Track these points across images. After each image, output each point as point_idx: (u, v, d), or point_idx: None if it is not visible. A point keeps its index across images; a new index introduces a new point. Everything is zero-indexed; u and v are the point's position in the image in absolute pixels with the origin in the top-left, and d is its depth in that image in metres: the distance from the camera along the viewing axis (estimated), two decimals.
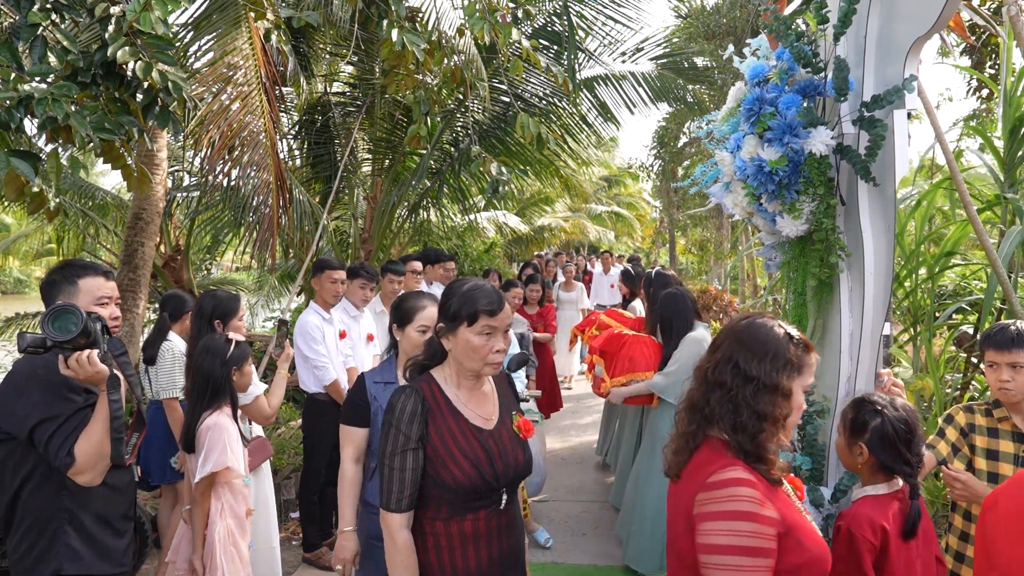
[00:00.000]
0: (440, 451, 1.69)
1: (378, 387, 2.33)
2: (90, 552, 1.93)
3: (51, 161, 2.49)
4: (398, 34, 3.63)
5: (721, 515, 1.33)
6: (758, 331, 1.45)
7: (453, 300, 1.73)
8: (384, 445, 1.71)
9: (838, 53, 2.15)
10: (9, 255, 13.80)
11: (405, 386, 1.77)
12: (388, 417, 1.71)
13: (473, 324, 1.70)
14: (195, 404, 2.56)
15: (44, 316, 1.73)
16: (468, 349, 1.71)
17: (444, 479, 1.68)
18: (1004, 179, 3.73)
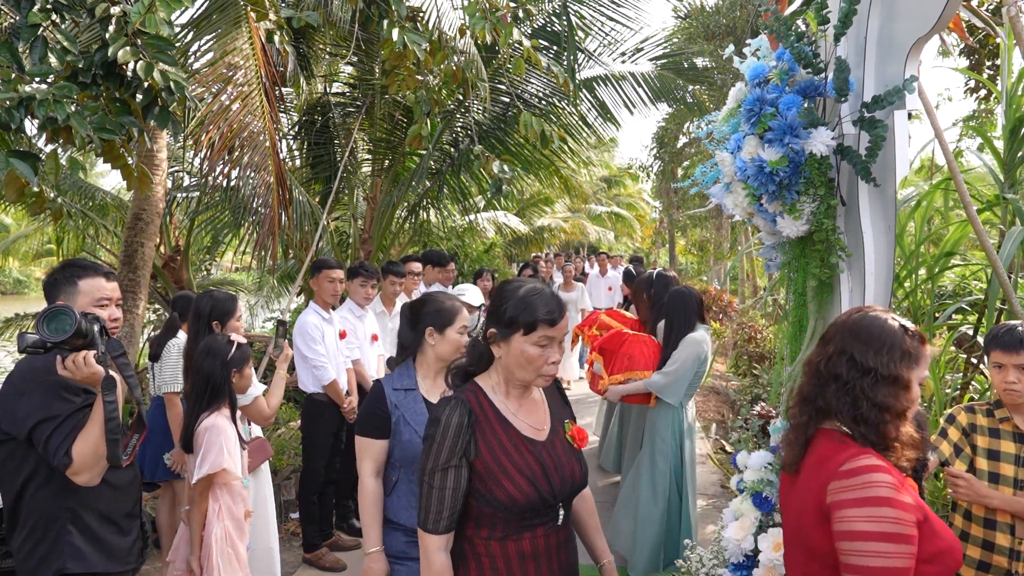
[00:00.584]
0: (492, 467, 1.57)
1: (398, 395, 2.18)
2: (94, 551, 1.94)
3: (50, 162, 2.49)
4: (399, 34, 3.63)
5: (860, 502, 1.31)
6: (872, 323, 1.44)
7: (508, 305, 1.60)
8: (425, 461, 1.58)
9: (838, 54, 2.15)
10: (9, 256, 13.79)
11: (450, 396, 1.65)
12: (431, 431, 1.59)
13: (530, 333, 1.58)
14: (194, 405, 2.56)
15: (39, 317, 1.74)
16: (522, 359, 1.59)
17: (498, 497, 1.56)
18: (1004, 179, 3.73)
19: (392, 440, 2.17)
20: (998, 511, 2.14)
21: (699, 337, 3.61)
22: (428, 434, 1.60)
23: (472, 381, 1.70)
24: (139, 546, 2.11)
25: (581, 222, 19.54)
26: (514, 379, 1.65)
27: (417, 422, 2.13)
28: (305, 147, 7.26)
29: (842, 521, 1.33)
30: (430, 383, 2.25)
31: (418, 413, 2.16)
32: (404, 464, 2.16)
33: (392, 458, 2.19)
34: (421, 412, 2.15)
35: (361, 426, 2.20)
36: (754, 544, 2.26)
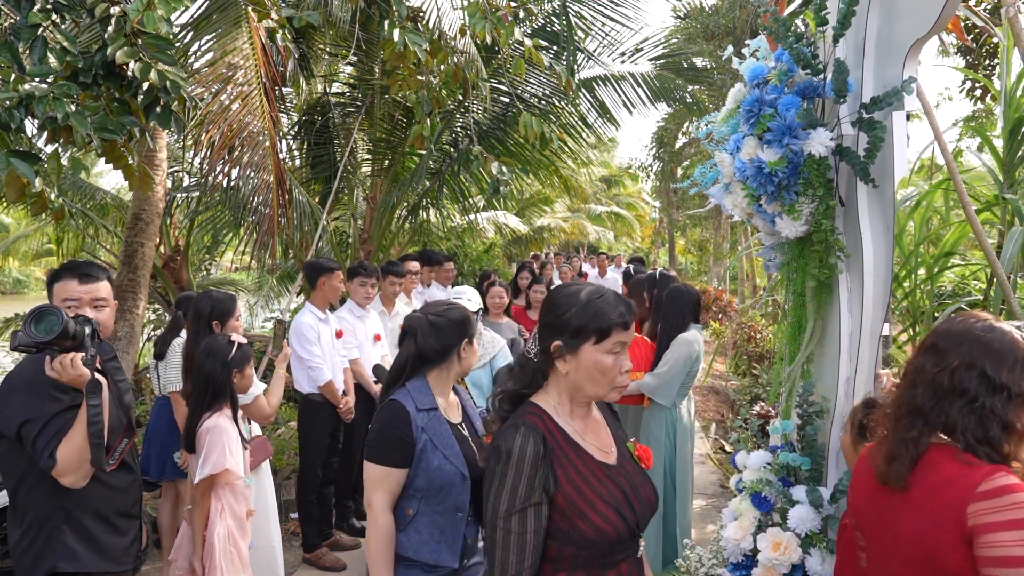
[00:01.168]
0: (575, 499, 1.40)
1: (424, 416, 1.93)
2: (88, 550, 1.93)
3: (51, 162, 2.50)
4: (400, 34, 3.64)
5: (1011, 524, 1.23)
6: (1003, 337, 1.35)
7: (573, 312, 1.44)
8: (496, 502, 1.38)
9: (837, 55, 2.15)
10: (9, 256, 13.79)
11: (516, 423, 1.44)
12: (501, 467, 1.38)
13: (603, 340, 1.42)
14: (196, 405, 2.57)
15: (27, 316, 1.76)
16: (596, 371, 1.43)
17: (584, 532, 1.39)
18: (1003, 180, 3.74)
19: (415, 468, 1.90)
20: None
21: (690, 337, 3.61)
22: (497, 471, 1.39)
23: (529, 403, 1.51)
24: (137, 546, 2.10)
25: (581, 222, 19.56)
26: (581, 396, 1.49)
27: (446, 446, 1.92)
28: (305, 147, 7.26)
29: (993, 546, 1.25)
30: (444, 401, 2.05)
31: (445, 436, 1.94)
32: (429, 494, 1.91)
33: (412, 488, 1.91)
34: (447, 435, 1.95)
35: (376, 452, 1.90)
36: (753, 544, 2.26)
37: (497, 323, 4.62)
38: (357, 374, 4.26)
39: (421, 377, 2.02)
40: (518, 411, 1.50)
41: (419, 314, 2.05)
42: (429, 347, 2.00)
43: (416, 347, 2.00)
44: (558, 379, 1.50)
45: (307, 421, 4.01)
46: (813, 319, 2.35)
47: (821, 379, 2.34)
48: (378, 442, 1.92)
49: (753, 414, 4.78)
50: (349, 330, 4.24)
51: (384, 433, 1.91)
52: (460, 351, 2.04)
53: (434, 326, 2.01)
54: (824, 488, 2.23)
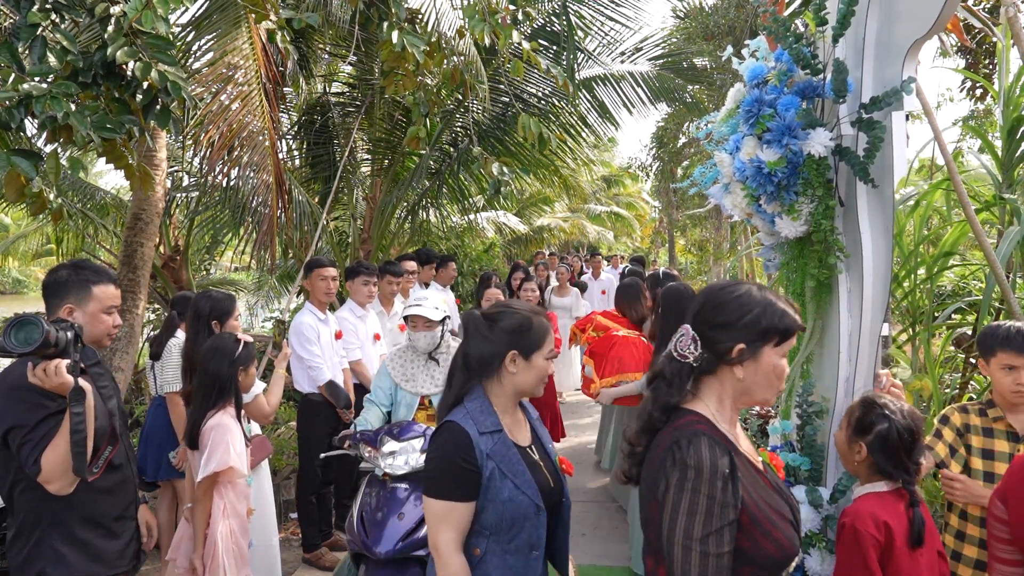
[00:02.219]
0: (758, 516, 1.31)
1: (488, 440, 1.67)
2: (78, 555, 1.90)
3: (51, 161, 2.50)
4: (398, 36, 3.64)
5: None
6: None
7: (757, 314, 1.36)
8: (690, 523, 1.26)
9: (837, 55, 2.15)
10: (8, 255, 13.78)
11: (692, 433, 1.33)
12: (691, 483, 1.27)
13: (783, 343, 1.38)
14: (200, 403, 2.57)
15: (7, 325, 1.72)
16: (773, 375, 1.37)
17: (768, 550, 1.30)
18: (1002, 179, 3.74)
19: (482, 501, 1.64)
20: None
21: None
22: (686, 487, 1.27)
23: (686, 410, 1.40)
24: (133, 548, 2.08)
25: (581, 222, 19.55)
26: (747, 401, 1.42)
27: (516, 474, 1.67)
28: (304, 147, 7.26)
29: None
30: (510, 420, 1.78)
31: (514, 462, 1.69)
32: (499, 531, 1.66)
33: (479, 524, 1.65)
34: (517, 461, 1.70)
35: (437, 485, 1.64)
36: None
37: None
38: (358, 374, 4.26)
39: (480, 391, 1.74)
40: (675, 420, 1.39)
41: (475, 312, 1.80)
42: (474, 354, 1.74)
43: (462, 352, 1.76)
44: (720, 384, 1.41)
45: (307, 421, 4.01)
46: (813, 319, 2.35)
47: (821, 379, 2.34)
48: (438, 473, 1.65)
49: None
50: (350, 330, 4.24)
51: (444, 462, 1.64)
52: (507, 364, 1.71)
53: (479, 329, 1.75)
54: (824, 488, 2.23)
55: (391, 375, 3.11)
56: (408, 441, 2.72)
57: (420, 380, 3.09)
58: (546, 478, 1.76)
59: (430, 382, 3.09)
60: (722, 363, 1.39)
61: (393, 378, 3.10)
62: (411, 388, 3.07)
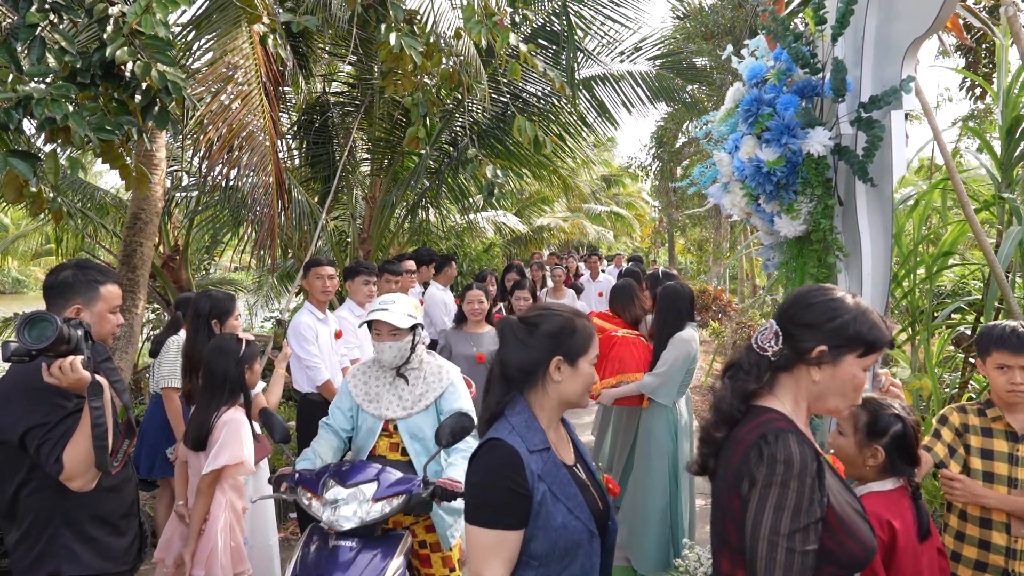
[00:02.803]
0: (843, 515, 1.30)
1: (538, 460, 1.50)
2: (89, 552, 1.93)
3: (49, 162, 2.50)
4: (396, 37, 3.64)
5: None
6: None
7: (847, 320, 1.35)
8: (778, 519, 1.23)
9: (836, 54, 2.15)
10: (8, 255, 13.79)
11: (781, 428, 1.31)
12: (781, 477, 1.25)
13: (867, 355, 1.36)
14: (208, 403, 2.58)
15: (19, 324, 1.72)
16: (850, 385, 1.36)
17: (853, 550, 1.29)
18: (1001, 179, 3.74)
19: (531, 528, 1.47)
20: (993, 510, 2.15)
21: (687, 336, 3.61)
22: (771, 481, 1.25)
23: (764, 407, 1.39)
24: (137, 546, 2.11)
25: (580, 221, 19.55)
26: (820, 406, 1.40)
27: (568, 497, 1.51)
28: (304, 146, 7.27)
29: None
30: (554, 435, 1.61)
31: (565, 483, 1.52)
32: (551, 561, 1.49)
33: (527, 554, 1.48)
34: (568, 482, 1.53)
35: (483, 512, 1.46)
36: None
37: (476, 334, 4.28)
38: None
39: (524, 404, 1.56)
40: (755, 416, 1.37)
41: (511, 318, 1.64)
42: (512, 362, 1.57)
43: (499, 361, 1.59)
44: (796, 384, 1.40)
45: (306, 421, 4.01)
46: None
47: None
48: (485, 499, 1.47)
49: None
50: (350, 330, 4.24)
51: (492, 486, 1.46)
52: (551, 371, 1.56)
53: (517, 335, 1.59)
54: None
55: (352, 393, 2.62)
56: (357, 487, 2.21)
57: (384, 401, 2.56)
58: (595, 500, 1.61)
59: (396, 403, 2.55)
60: (800, 362, 1.39)
61: (354, 397, 2.61)
62: (373, 410, 2.56)
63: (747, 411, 1.40)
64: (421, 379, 2.58)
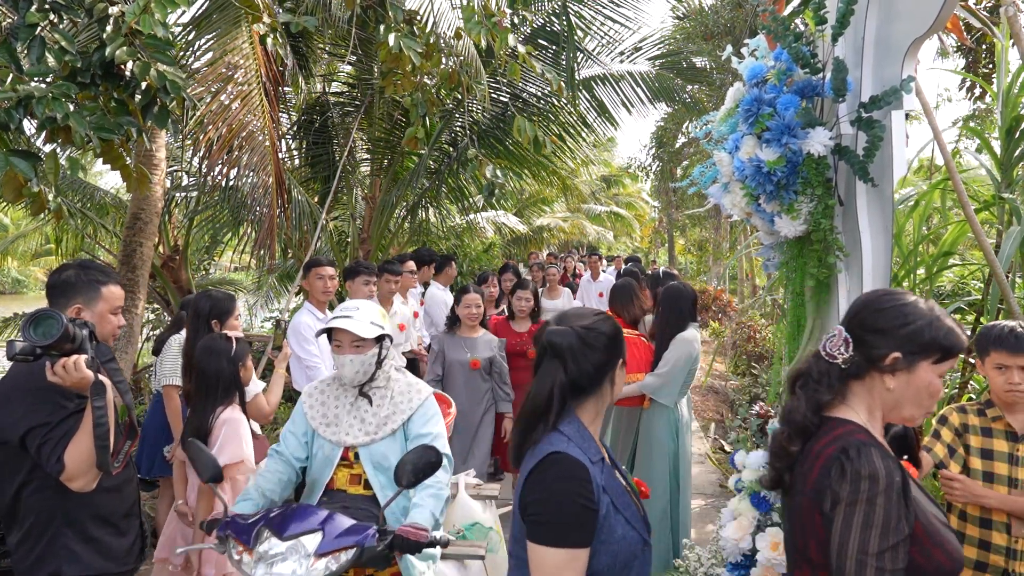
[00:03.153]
0: (928, 527, 1.26)
1: (596, 470, 1.44)
2: (91, 553, 1.93)
3: (49, 161, 2.50)
4: (395, 38, 3.64)
5: None
6: None
7: (922, 325, 1.32)
8: (866, 537, 1.19)
9: (836, 54, 2.15)
10: (7, 255, 13.79)
11: (862, 442, 1.28)
12: (866, 494, 1.21)
13: (943, 362, 1.33)
14: (204, 403, 2.57)
15: (25, 321, 1.73)
16: (925, 393, 1.33)
17: (942, 563, 1.25)
18: (1001, 179, 3.74)
19: (595, 542, 1.40)
20: (994, 510, 2.15)
21: (689, 336, 3.61)
22: (856, 497, 1.21)
23: (839, 419, 1.35)
24: (139, 546, 2.11)
25: (580, 222, 19.55)
26: (894, 415, 1.37)
27: (625, 507, 1.47)
28: (304, 146, 7.27)
29: None
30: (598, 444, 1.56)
31: (621, 493, 1.49)
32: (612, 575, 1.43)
33: (590, 570, 1.40)
34: (623, 492, 1.50)
35: (553, 531, 1.38)
36: (752, 544, 2.26)
37: (471, 338, 4.08)
38: None
39: (573, 415, 1.50)
40: (832, 428, 1.34)
41: (564, 327, 1.53)
42: (583, 372, 1.49)
43: (566, 374, 1.49)
44: (870, 393, 1.36)
45: None
46: (812, 319, 2.35)
47: None
48: (554, 515, 1.38)
49: (752, 414, 4.78)
50: None
51: (561, 502, 1.38)
52: (615, 374, 1.55)
53: (585, 342, 1.50)
54: None
55: (307, 415, 2.28)
56: (297, 539, 1.84)
57: (344, 425, 2.23)
58: (639, 507, 1.56)
59: (358, 427, 2.22)
60: (873, 369, 1.35)
61: (309, 420, 2.27)
62: (331, 435, 2.22)
63: (820, 422, 1.36)
64: (388, 399, 2.25)
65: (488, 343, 4.07)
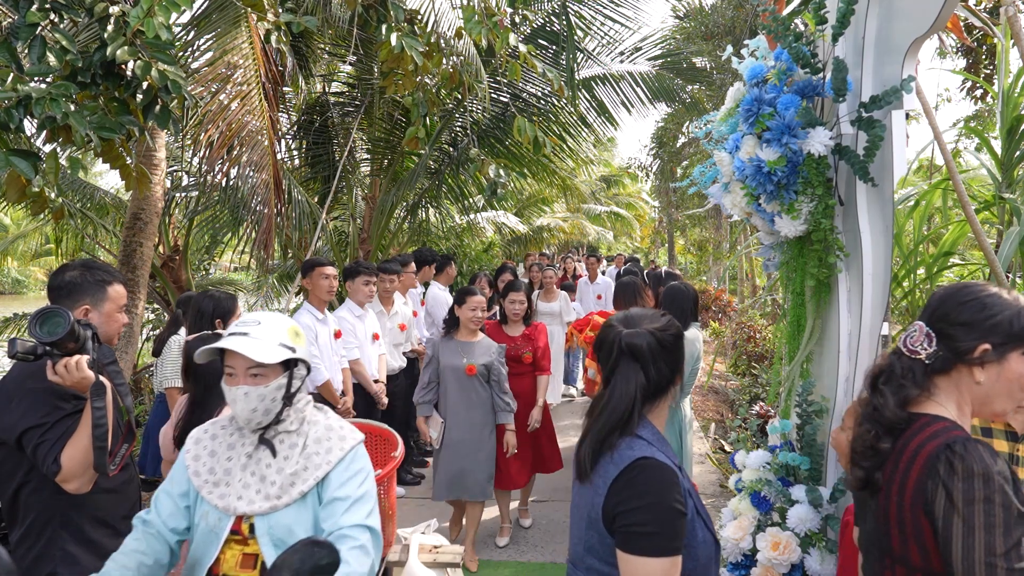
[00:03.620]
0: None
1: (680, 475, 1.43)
2: (88, 555, 1.92)
3: (50, 161, 2.50)
4: (397, 38, 3.65)
5: None
6: None
7: (1010, 315, 1.29)
8: (989, 537, 1.16)
9: (836, 53, 2.15)
10: (7, 255, 13.79)
11: (964, 437, 1.25)
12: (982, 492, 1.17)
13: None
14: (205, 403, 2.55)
15: (32, 318, 1.72)
16: (1016, 385, 1.30)
17: None
18: (1001, 179, 3.74)
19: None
20: None
21: (691, 336, 3.61)
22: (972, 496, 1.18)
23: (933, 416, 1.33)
24: None
25: (580, 222, 19.55)
26: (985, 410, 1.34)
27: (702, 509, 1.46)
28: (304, 146, 7.27)
29: None
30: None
31: (696, 496, 1.46)
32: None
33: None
34: (698, 495, 1.47)
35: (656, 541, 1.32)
36: (752, 544, 2.26)
37: (468, 343, 3.78)
38: (357, 374, 4.26)
39: (645, 418, 1.47)
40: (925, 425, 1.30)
41: (639, 330, 1.47)
42: (661, 374, 1.46)
43: (646, 376, 1.45)
44: (958, 388, 1.33)
45: None
46: (812, 319, 2.35)
47: (820, 378, 2.34)
48: (657, 525, 1.33)
49: (752, 414, 4.79)
50: (349, 330, 4.24)
51: (660, 510, 1.34)
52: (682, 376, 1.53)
53: (662, 343, 1.46)
54: (823, 487, 2.23)
55: (188, 468, 1.67)
56: None
57: (237, 485, 1.62)
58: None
59: (256, 489, 1.61)
60: (960, 363, 1.32)
61: (191, 475, 1.66)
62: (218, 499, 1.61)
63: (909, 419, 1.34)
64: (298, 449, 1.66)
65: (487, 348, 3.78)
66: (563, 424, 6.81)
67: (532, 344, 4.11)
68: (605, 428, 1.44)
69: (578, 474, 1.48)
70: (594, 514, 1.40)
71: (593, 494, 1.41)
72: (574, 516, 1.52)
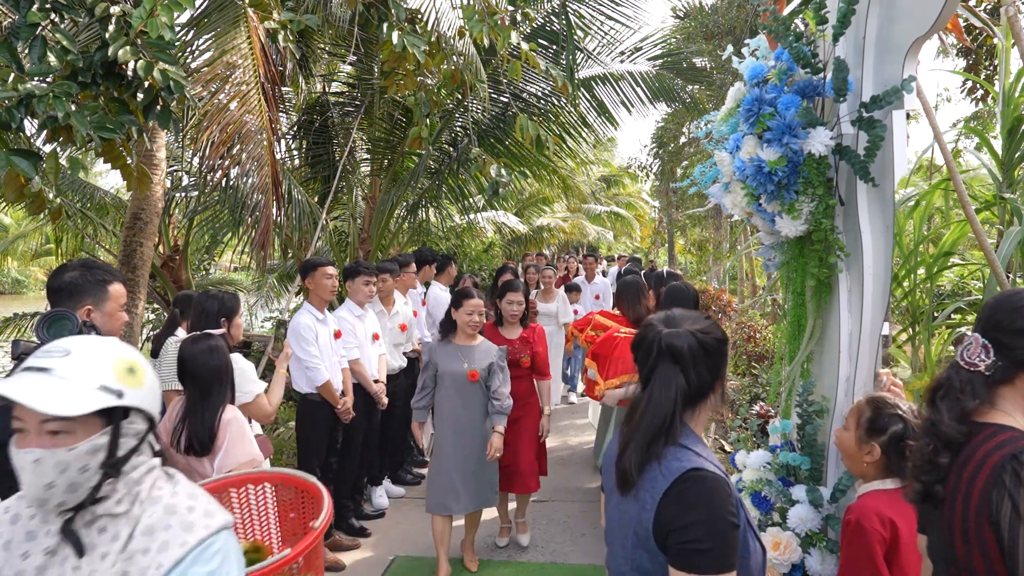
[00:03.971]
0: None
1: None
2: None
3: (50, 161, 2.50)
4: (399, 36, 3.65)
5: None
6: None
7: None
8: None
9: (837, 53, 2.15)
10: (7, 255, 13.79)
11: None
12: None
13: None
14: (204, 404, 2.55)
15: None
16: None
17: None
18: (1002, 179, 3.74)
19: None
20: None
21: None
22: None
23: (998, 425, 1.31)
24: None
25: (580, 222, 19.55)
26: None
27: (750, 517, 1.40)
28: (304, 146, 7.27)
29: None
30: None
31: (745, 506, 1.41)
32: None
33: None
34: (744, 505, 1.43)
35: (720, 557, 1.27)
36: None
37: (468, 347, 3.61)
38: (357, 374, 4.26)
39: (688, 427, 1.41)
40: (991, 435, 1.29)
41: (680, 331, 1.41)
42: (703, 378, 1.41)
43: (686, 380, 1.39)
44: (1021, 396, 1.31)
45: (306, 421, 4.01)
46: (813, 318, 2.35)
47: (821, 378, 2.34)
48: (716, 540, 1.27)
49: (753, 414, 4.78)
50: (349, 330, 4.24)
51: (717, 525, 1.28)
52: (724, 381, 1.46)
53: (704, 346, 1.40)
54: (824, 487, 2.23)
55: None
56: None
57: None
58: None
59: None
60: (1021, 371, 1.30)
61: None
62: None
63: (970, 430, 1.32)
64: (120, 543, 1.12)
65: (487, 352, 3.61)
66: (563, 424, 6.82)
67: (530, 347, 3.98)
68: (648, 435, 1.37)
69: (621, 484, 1.41)
70: (642, 531, 1.33)
71: (640, 509, 1.34)
72: (615, 531, 1.45)
